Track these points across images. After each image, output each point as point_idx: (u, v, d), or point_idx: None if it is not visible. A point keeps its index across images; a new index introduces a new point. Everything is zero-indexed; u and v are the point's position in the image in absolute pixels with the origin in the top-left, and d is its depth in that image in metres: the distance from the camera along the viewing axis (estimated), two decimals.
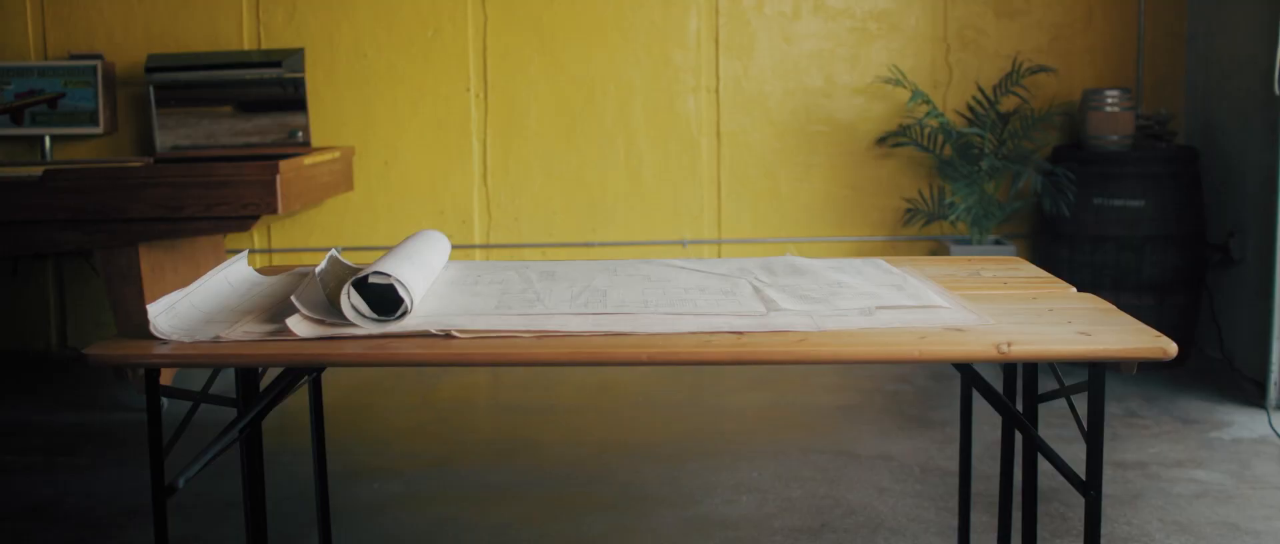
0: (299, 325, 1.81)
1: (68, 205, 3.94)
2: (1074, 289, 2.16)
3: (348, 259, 1.99)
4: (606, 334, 1.81)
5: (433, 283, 2.13)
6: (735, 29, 5.00)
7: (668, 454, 3.69)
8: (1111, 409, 4.01)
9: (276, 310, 1.94)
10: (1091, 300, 2.05)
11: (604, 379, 4.54)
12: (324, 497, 2.62)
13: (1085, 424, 1.79)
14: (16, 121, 4.82)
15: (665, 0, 4.99)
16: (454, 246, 2.63)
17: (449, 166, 5.06)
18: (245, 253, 2.32)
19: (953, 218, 4.80)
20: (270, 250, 5.11)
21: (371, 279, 1.83)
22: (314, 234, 5.10)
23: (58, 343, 5.19)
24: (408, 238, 2.22)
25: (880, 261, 2.40)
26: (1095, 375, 1.77)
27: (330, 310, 1.85)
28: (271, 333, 1.82)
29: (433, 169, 5.06)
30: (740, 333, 1.81)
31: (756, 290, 2.08)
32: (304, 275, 2.22)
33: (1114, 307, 1.99)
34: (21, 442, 3.95)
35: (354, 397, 4.38)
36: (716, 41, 5.01)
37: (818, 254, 2.28)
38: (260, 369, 2.31)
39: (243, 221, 3.98)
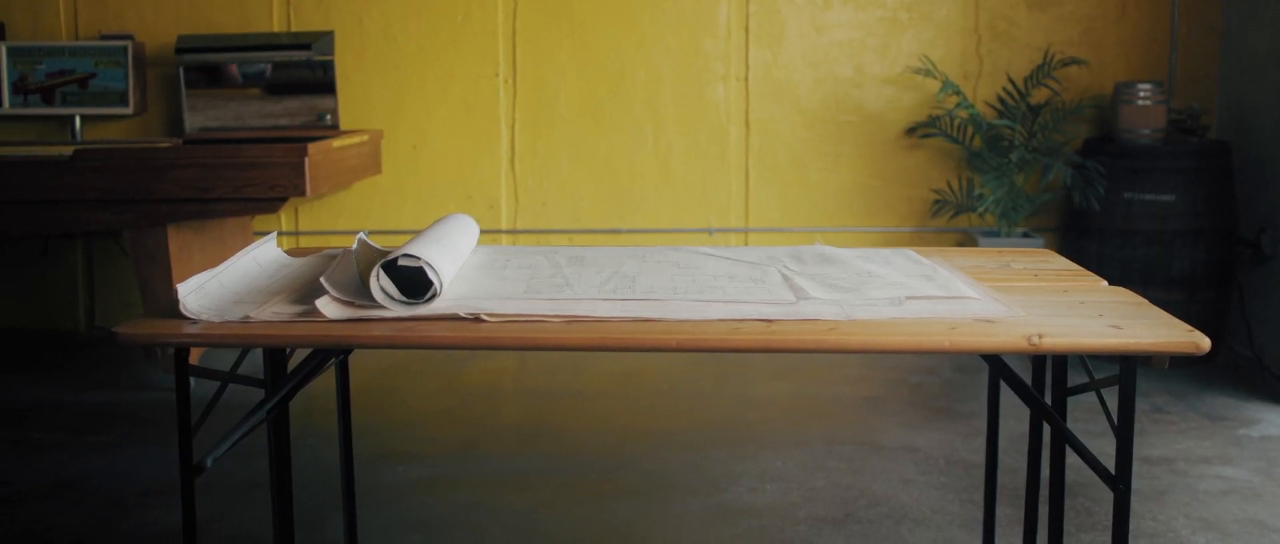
0: (328, 307, 1.81)
1: (97, 185, 3.97)
2: (1105, 283, 2.14)
3: (376, 243, 1.99)
4: (635, 320, 1.81)
5: (462, 267, 2.13)
6: (765, 17, 4.98)
7: (692, 442, 3.69)
8: (1139, 405, 3.99)
9: (305, 292, 1.95)
10: (1122, 294, 2.03)
11: (630, 366, 4.54)
12: (349, 479, 2.63)
13: (1115, 418, 1.78)
14: (47, 101, 4.86)
15: None
16: (481, 232, 2.63)
17: (477, 151, 5.07)
18: (274, 234, 2.33)
19: (981, 210, 4.77)
20: (298, 233, 5.13)
21: (401, 261, 1.83)
22: (341, 217, 5.12)
23: (86, 322, 5.23)
24: (437, 221, 2.21)
25: (910, 252, 2.38)
26: (1126, 369, 1.75)
27: (359, 292, 1.85)
28: (300, 314, 1.82)
29: (461, 154, 5.07)
30: (769, 321, 1.81)
31: (786, 279, 2.07)
32: (333, 257, 2.23)
33: (1145, 300, 1.98)
34: (49, 420, 3.98)
35: (381, 380, 4.39)
36: (746, 30, 4.99)
37: (845, 244, 2.27)
38: (288, 350, 2.32)
39: (271, 203, 4.00)
